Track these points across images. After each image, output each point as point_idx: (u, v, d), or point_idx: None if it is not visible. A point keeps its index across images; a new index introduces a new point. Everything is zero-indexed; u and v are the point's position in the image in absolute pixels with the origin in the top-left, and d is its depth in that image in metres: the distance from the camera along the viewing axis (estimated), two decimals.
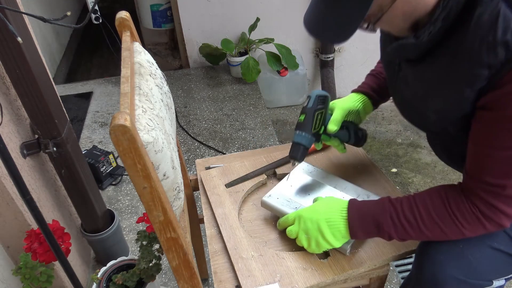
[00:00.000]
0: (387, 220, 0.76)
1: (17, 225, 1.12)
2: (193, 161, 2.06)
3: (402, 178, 2.18)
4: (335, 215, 0.81)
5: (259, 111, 2.44)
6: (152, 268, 1.08)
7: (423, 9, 0.67)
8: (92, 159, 1.89)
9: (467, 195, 0.72)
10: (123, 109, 0.58)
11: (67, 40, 3.69)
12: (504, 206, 0.69)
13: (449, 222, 0.72)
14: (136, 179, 0.56)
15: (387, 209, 0.77)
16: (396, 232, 0.76)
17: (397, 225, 0.76)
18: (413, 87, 0.79)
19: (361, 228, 0.79)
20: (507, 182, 0.67)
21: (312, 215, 0.83)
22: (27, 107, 1.09)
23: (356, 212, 0.80)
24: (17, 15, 0.99)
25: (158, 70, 0.86)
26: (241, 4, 2.62)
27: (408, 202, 0.76)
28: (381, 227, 0.77)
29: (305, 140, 0.91)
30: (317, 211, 0.83)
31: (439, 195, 0.74)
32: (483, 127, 0.67)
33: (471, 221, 0.71)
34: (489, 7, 0.60)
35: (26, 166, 1.14)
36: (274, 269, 0.84)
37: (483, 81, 0.64)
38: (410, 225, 0.75)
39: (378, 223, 0.77)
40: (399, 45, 0.73)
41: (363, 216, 0.79)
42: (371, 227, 0.79)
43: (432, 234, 0.74)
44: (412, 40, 0.69)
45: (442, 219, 0.73)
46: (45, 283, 1.06)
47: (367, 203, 0.81)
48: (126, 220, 1.76)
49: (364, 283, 0.92)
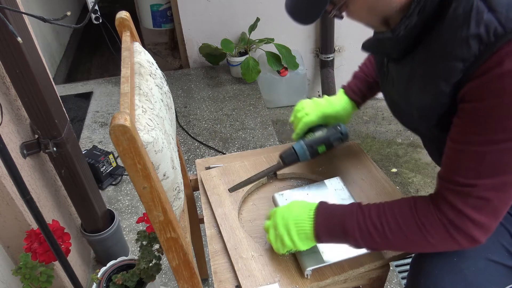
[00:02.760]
0: (353, 224, 0.75)
1: (17, 225, 1.12)
2: (193, 161, 2.06)
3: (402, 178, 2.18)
4: (304, 215, 0.80)
5: (259, 111, 2.44)
6: (152, 268, 1.08)
7: (387, 4, 0.67)
8: (92, 159, 1.89)
9: (435, 201, 0.69)
10: (123, 109, 0.58)
11: (67, 40, 3.70)
12: (473, 212, 0.65)
13: (415, 230, 0.70)
14: (136, 179, 0.56)
15: (354, 213, 0.76)
16: (362, 238, 0.74)
17: (363, 230, 0.74)
18: (397, 85, 0.80)
19: (326, 230, 0.77)
20: (477, 182, 0.64)
21: (283, 213, 0.82)
22: (27, 107, 1.09)
23: (323, 214, 0.79)
24: (17, 15, 0.99)
25: (158, 70, 0.86)
26: (241, 4, 2.62)
27: (376, 209, 0.75)
28: (347, 231, 0.75)
29: (301, 154, 0.99)
30: (289, 210, 0.82)
31: (407, 203, 0.73)
32: (460, 121, 0.66)
33: (438, 230, 0.69)
34: (463, 1, 0.61)
35: (26, 166, 1.14)
36: (274, 269, 0.84)
37: (458, 74, 0.63)
38: (377, 231, 0.73)
39: (344, 226, 0.75)
40: (376, 40, 0.75)
41: (329, 218, 0.78)
42: (336, 230, 0.77)
43: (398, 243, 0.73)
44: (388, 35, 0.71)
45: (408, 226, 0.71)
46: (45, 283, 1.06)
47: (336, 206, 0.80)
48: (126, 220, 1.76)
49: (364, 283, 0.92)
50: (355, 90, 1.06)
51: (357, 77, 1.07)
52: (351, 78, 1.08)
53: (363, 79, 1.06)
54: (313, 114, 1.02)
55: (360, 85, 1.05)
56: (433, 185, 2.12)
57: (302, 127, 1.02)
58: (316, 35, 2.76)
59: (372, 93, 1.06)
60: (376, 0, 0.68)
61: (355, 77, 1.08)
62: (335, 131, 0.99)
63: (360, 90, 1.05)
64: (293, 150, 0.99)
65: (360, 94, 1.05)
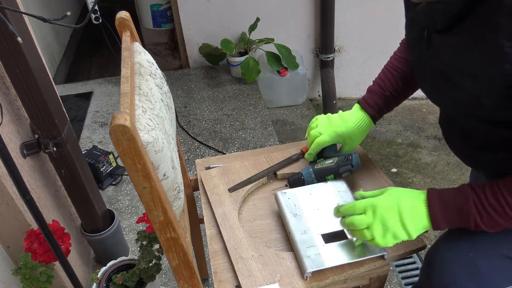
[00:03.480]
0: (471, 208, 0.72)
1: (17, 225, 1.12)
2: (193, 161, 2.06)
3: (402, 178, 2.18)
4: (418, 203, 0.76)
5: (259, 111, 2.44)
6: (152, 268, 1.08)
7: None
8: (92, 159, 1.89)
9: None
10: (123, 109, 0.58)
11: (67, 40, 3.69)
12: None
13: None
14: (136, 179, 0.56)
15: (470, 197, 0.73)
16: (482, 221, 0.72)
17: (483, 213, 0.72)
18: (445, 57, 0.74)
19: (444, 217, 0.75)
20: None
21: (391, 203, 0.76)
22: (27, 107, 1.09)
23: (437, 201, 0.75)
24: (17, 15, 0.99)
25: (158, 70, 0.86)
26: (241, 4, 2.62)
27: (491, 188, 0.72)
28: (465, 216, 0.73)
29: (309, 181, 1.03)
30: (396, 199, 0.77)
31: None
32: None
33: None
34: None
35: (26, 166, 1.14)
36: (274, 269, 0.84)
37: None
38: (497, 212, 0.71)
39: (461, 212, 0.73)
40: (428, 4, 0.68)
41: (445, 205, 0.75)
42: (454, 217, 0.74)
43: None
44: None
45: None
46: (45, 283, 1.06)
47: (447, 191, 0.76)
48: (126, 220, 1.76)
49: (364, 283, 0.92)
50: (371, 103, 1.02)
51: (372, 91, 1.04)
52: (366, 93, 1.05)
53: (379, 92, 1.02)
54: (326, 133, 1.01)
55: (376, 99, 1.02)
56: (433, 185, 2.12)
57: (315, 147, 1.02)
58: (316, 35, 2.76)
59: (388, 107, 1.03)
60: None
61: (370, 91, 1.04)
62: (346, 162, 1.00)
63: (377, 104, 1.02)
64: (301, 176, 1.04)
65: (377, 108, 1.02)
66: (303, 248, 0.85)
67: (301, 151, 1.15)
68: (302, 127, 2.60)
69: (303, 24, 2.72)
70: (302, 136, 2.51)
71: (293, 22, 2.71)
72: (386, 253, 0.84)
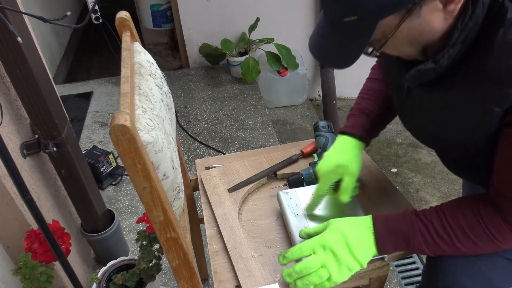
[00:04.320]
0: (417, 237, 0.74)
1: (17, 225, 1.12)
2: (193, 161, 2.06)
3: (402, 178, 2.18)
4: (364, 232, 0.76)
5: (259, 111, 2.44)
6: (152, 268, 1.08)
7: (430, 35, 0.65)
8: (92, 159, 1.89)
9: (503, 215, 0.69)
10: (123, 109, 0.58)
11: (67, 40, 3.69)
12: None
13: (486, 239, 0.71)
14: (136, 179, 0.56)
15: (415, 225, 0.74)
16: (428, 248, 0.74)
17: (430, 242, 0.74)
18: (429, 112, 0.76)
19: (391, 244, 0.76)
20: None
21: (338, 237, 0.75)
22: (27, 107, 1.09)
23: (384, 229, 0.76)
24: (17, 15, 0.99)
25: (158, 70, 0.86)
26: (241, 4, 2.62)
27: (438, 218, 0.73)
28: (411, 243, 0.75)
29: (308, 182, 1.03)
30: (342, 232, 0.76)
31: (472, 213, 0.72)
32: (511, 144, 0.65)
33: (508, 237, 0.70)
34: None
35: (26, 166, 1.14)
36: (274, 269, 0.84)
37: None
38: (444, 242, 0.73)
39: (408, 240, 0.75)
40: (418, 71, 0.70)
41: (392, 233, 0.76)
42: (400, 244, 0.76)
43: (467, 250, 0.73)
44: (431, 65, 0.67)
45: (479, 237, 0.71)
46: (45, 283, 1.06)
47: (393, 219, 0.77)
48: (126, 220, 1.76)
49: (364, 283, 0.92)
50: (355, 126, 0.94)
51: (354, 115, 0.97)
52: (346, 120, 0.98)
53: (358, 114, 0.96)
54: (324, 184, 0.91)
55: (361, 121, 0.95)
56: (433, 185, 2.12)
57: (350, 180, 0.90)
58: None
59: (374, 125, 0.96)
60: (418, 32, 0.64)
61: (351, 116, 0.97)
62: None
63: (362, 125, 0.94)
64: (301, 176, 1.04)
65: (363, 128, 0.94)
66: None
67: (301, 151, 1.15)
68: (302, 127, 2.60)
69: (303, 24, 2.72)
70: (302, 136, 2.51)
71: (293, 22, 2.71)
72: (386, 255, 0.84)
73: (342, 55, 0.67)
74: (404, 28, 0.62)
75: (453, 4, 0.60)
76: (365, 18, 0.61)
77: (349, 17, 0.62)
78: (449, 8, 0.60)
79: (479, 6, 0.61)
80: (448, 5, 0.60)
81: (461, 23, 0.62)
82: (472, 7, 0.61)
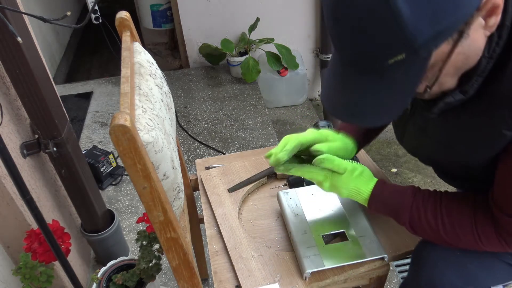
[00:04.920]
0: (405, 214, 0.75)
1: (17, 225, 1.12)
2: (193, 161, 2.06)
3: (402, 178, 2.18)
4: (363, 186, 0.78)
5: (259, 111, 2.44)
6: (152, 268, 1.08)
7: (476, 57, 0.57)
8: (92, 159, 1.89)
9: (498, 229, 0.69)
10: (123, 109, 0.58)
11: (67, 40, 3.69)
12: None
13: (471, 239, 0.71)
14: (136, 179, 0.56)
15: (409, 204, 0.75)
16: (412, 227, 0.75)
17: (417, 224, 0.74)
18: (434, 134, 0.74)
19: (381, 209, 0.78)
20: None
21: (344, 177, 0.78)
22: (27, 107, 1.09)
23: (380, 194, 0.77)
24: (17, 15, 0.99)
25: (158, 70, 0.85)
26: (241, 4, 2.62)
27: (433, 207, 0.73)
28: (399, 217, 0.76)
29: (308, 181, 1.00)
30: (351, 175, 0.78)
31: (467, 213, 0.71)
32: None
33: (493, 244, 0.70)
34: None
35: (26, 166, 1.14)
36: (274, 269, 0.84)
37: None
38: (431, 229, 0.73)
39: (397, 213, 0.76)
40: (445, 104, 0.64)
41: (385, 201, 0.77)
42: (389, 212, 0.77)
43: (450, 241, 0.73)
44: (460, 96, 0.61)
45: (466, 236, 0.71)
46: (45, 283, 1.06)
47: (392, 189, 0.78)
48: (126, 220, 1.76)
49: (364, 283, 0.92)
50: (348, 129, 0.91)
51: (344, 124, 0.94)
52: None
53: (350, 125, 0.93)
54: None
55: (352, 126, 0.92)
56: (433, 185, 2.12)
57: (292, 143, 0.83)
58: (316, 35, 2.76)
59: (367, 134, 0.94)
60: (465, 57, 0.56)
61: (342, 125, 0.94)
62: None
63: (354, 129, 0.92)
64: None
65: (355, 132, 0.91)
66: (302, 249, 0.85)
67: None
68: (302, 127, 2.60)
69: (303, 24, 2.72)
70: None
71: (293, 22, 2.71)
72: (386, 255, 0.84)
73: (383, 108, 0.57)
74: (455, 54, 0.54)
75: (494, 17, 0.53)
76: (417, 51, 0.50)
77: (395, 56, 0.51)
78: (489, 22, 0.53)
79: (505, 31, 0.55)
80: (488, 18, 0.53)
81: (489, 51, 0.56)
82: (497, 33, 0.55)
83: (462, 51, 0.54)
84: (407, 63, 0.51)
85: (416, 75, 0.53)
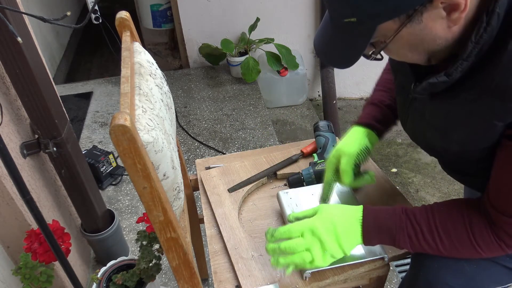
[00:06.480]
0: (404, 237, 0.75)
1: (17, 225, 1.12)
2: (193, 161, 2.06)
3: (402, 178, 2.18)
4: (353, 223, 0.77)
5: (259, 111, 2.44)
6: (152, 268, 1.08)
7: (432, 41, 0.63)
8: (92, 159, 1.89)
9: (493, 229, 0.69)
10: (123, 109, 0.58)
11: (67, 40, 3.70)
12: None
13: (470, 248, 0.71)
14: (136, 179, 0.56)
15: (403, 226, 0.75)
16: (412, 248, 0.75)
17: (415, 243, 0.74)
18: (431, 119, 0.76)
19: (376, 239, 0.77)
20: None
21: (328, 225, 0.76)
22: (27, 107, 1.09)
23: (372, 223, 0.77)
24: (17, 15, 0.99)
25: (158, 70, 0.86)
26: (241, 4, 2.62)
27: (427, 221, 0.74)
28: (397, 242, 0.75)
29: (308, 182, 1.03)
30: (332, 220, 0.76)
31: (462, 222, 0.71)
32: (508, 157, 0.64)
33: (493, 249, 0.70)
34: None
35: (26, 166, 1.14)
36: (274, 269, 0.84)
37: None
38: (429, 245, 0.74)
39: (394, 238, 0.75)
40: (429, 84, 0.69)
41: (378, 228, 0.76)
42: (386, 240, 0.76)
43: (449, 254, 0.74)
44: (443, 79, 0.66)
45: (464, 246, 0.71)
46: (45, 283, 1.06)
47: (382, 212, 0.77)
48: (126, 220, 1.76)
49: (364, 283, 0.92)
50: (363, 116, 0.96)
51: (365, 107, 0.99)
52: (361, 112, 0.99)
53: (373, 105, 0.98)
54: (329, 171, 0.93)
55: (369, 111, 0.97)
56: (433, 185, 2.12)
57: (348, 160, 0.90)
58: None
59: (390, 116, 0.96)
60: (419, 38, 0.63)
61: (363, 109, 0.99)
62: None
63: (369, 114, 0.96)
64: (301, 176, 1.05)
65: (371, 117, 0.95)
66: None
67: (301, 151, 1.15)
68: (302, 127, 2.60)
69: (303, 24, 2.72)
70: (302, 136, 2.51)
71: (293, 22, 2.71)
72: (386, 255, 0.84)
73: (344, 56, 0.68)
74: (404, 33, 0.62)
75: (457, 13, 0.58)
76: (364, 21, 0.61)
77: (349, 18, 0.61)
78: (452, 16, 0.59)
79: (494, 18, 0.58)
80: (452, 13, 0.58)
81: (475, 36, 0.60)
82: (486, 19, 0.58)
83: (414, 32, 0.62)
84: (357, 27, 0.62)
85: (363, 38, 0.64)
